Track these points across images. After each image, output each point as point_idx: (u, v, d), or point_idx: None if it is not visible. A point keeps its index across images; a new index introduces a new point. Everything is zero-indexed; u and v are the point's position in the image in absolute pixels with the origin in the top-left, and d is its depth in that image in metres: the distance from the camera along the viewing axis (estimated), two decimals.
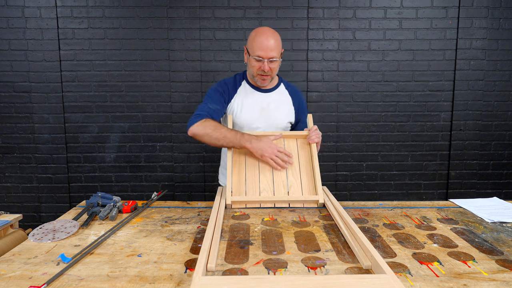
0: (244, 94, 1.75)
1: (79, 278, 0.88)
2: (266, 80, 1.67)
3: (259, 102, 1.73)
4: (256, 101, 1.73)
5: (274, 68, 1.64)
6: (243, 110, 1.72)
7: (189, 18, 2.63)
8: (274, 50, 1.60)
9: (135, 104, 2.71)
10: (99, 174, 2.76)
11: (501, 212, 1.35)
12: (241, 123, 1.72)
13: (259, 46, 1.58)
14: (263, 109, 1.72)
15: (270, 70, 1.62)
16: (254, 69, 1.65)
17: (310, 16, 2.65)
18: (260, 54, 1.59)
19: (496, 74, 2.74)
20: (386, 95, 2.74)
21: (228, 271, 0.90)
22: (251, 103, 1.73)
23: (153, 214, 1.37)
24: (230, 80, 1.80)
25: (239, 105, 1.73)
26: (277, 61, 1.64)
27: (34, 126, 2.69)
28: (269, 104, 1.73)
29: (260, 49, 1.58)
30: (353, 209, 1.42)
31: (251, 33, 1.66)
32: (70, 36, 2.63)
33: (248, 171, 1.54)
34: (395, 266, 0.93)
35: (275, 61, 1.63)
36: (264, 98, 1.74)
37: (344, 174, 2.82)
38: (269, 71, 1.62)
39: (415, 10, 2.66)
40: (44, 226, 1.21)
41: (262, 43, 1.58)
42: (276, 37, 1.64)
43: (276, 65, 1.64)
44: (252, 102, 1.73)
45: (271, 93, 1.76)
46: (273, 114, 1.73)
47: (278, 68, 1.69)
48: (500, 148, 2.82)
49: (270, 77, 1.67)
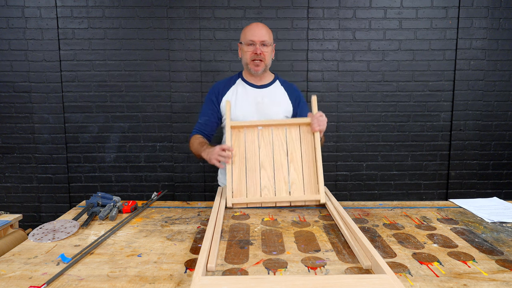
0: (238, 90, 1.77)
1: (79, 278, 0.88)
2: (260, 66, 1.70)
3: (254, 97, 1.75)
4: (250, 96, 1.75)
5: (266, 53, 1.69)
6: (237, 105, 1.73)
7: (189, 18, 2.63)
8: (265, 35, 1.68)
9: (135, 104, 2.71)
10: (99, 174, 2.76)
11: (501, 212, 1.35)
12: (237, 118, 1.71)
13: (251, 32, 1.68)
14: (258, 104, 1.74)
15: (262, 54, 1.67)
16: (247, 55, 1.70)
17: (310, 16, 2.65)
18: (252, 38, 1.67)
19: (496, 74, 2.74)
20: (386, 95, 2.74)
21: (228, 271, 0.90)
22: (245, 98, 1.75)
23: (153, 214, 1.37)
24: (222, 81, 1.85)
25: (233, 101, 1.74)
26: (269, 47, 1.70)
27: (34, 126, 2.69)
28: (263, 99, 1.75)
29: (252, 35, 1.67)
30: (353, 209, 1.42)
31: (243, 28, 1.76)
32: (70, 36, 2.63)
33: (248, 168, 1.51)
34: (395, 266, 0.93)
35: (267, 46, 1.69)
36: (259, 93, 1.76)
37: (344, 174, 2.82)
38: (262, 55, 1.67)
39: (415, 10, 2.66)
40: (44, 226, 1.21)
41: (253, 29, 1.69)
42: (267, 27, 1.73)
43: (268, 50, 1.70)
44: (246, 97, 1.75)
45: (265, 89, 1.78)
46: (269, 108, 1.74)
47: (271, 58, 1.74)
48: (500, 148, 2.82)
49: (264, 64, 1.70)
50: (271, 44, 1.71)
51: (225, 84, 1.81)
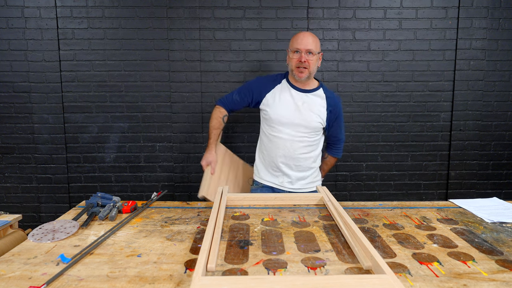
0: (281, 91, 1.85)
1: (79, 278, 0.88)
2: (304, 73, 1.76)
3: (295, 100, 1.81)
4: (292, 98, 1.82)
5: (311, 61, 1.75)
6: (277, 105, 1.82)
7: (188, 18, 2.63)
8: (311, 44, 1.75)
9: (135, 104, 2.70)
10: (99, 174, 2.76)
11: (501, 212, 1.35)
12: (274, 117, 1.82)
13: (297, 40, 1.77)
14: (297, 107, 1.81)
15: (307, 62, 1.74)
16: (292, 62, 1.78)
17: (310, 16, 2.65)
18: (298, 46, 1.75)
19: (496, 74, 2.74)
20: (386, 95, 2.74)
21: (228, 271, 0.90)
22: (287, 99, 1.82)
23: (152, 214, 1.37)
24: (271, 76, 1.94)
25: (274, 100, 1.83)
26: (314, 56, 1.76)
27: (33, 126, 2.69)
28: (303, 104, 1.81)
29: (298, 43, 1.76)
30: (353, 209, 1.42)
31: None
32: (69, 36, 2.62)
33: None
34: (395, 266, 0.93)
35: (312, 55, 1.76)
36: (301, 97, 1.83)
37: (344, 174, 2.82)
38: (306, 63, 1.74)
39: (415, 10, 2.66)
40: (43, 226, 1.20)
41: (300, 38, 1.77)
42: (314, 37, 1.79)
43: (313, 59, 1.76)
44: (288, 98, 1.82)
45: (308, 94, 1.84)
46: (305, 113, 1.80)
47: (316, 66, 1.80)
48: (500, 148, 2.82)
49: (308, 71, 1.76)
50: (317, 53, 1.78)
51: (271, 81, 1.89)
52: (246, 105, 1.95)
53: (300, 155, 1.83)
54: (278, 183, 1.88)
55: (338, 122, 1.92)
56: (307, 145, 1.84)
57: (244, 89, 1.94)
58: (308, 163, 1.87)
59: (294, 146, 1.82)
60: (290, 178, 1.87)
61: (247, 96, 1.91)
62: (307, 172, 1.88)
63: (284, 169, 1.86)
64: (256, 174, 1.98)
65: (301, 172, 1.86)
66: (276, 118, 1.81)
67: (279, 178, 1.88)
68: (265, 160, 1.91)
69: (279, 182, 1.88)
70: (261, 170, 1.95)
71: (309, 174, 1.89)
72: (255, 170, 2.00)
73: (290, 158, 1.83)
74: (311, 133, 1.83)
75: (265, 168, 1.93)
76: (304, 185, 1.89)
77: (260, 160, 1.96)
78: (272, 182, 1.90)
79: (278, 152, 1.84)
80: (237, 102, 1.94)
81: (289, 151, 1.82)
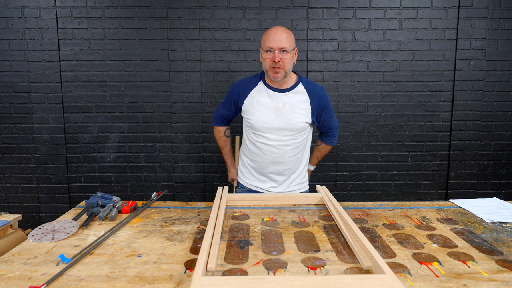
0: (259, 94, 1.74)
1: (79, 278, 0.88)
2: (279, 73, 1.63)
3: (275, 103, 1.71)
4: (271, 101, 1.71)
5: (285, 60, 1.62)
6: (257, 111, 1.71)
7: (188, 18, 2.63)
8: (285, 42, 1.61)
9: (135, 104, 2.70)
10: (99, 174, 2.76)
11: (501, 212, 1.35)
12: (256, 124, 1.72)
13: (269, 38, 1.62)
14: (279, 110, 1.70)
15: (281, 61, 1.61)
16: (266, 62, 1.65)
17: (310, 16, 2.65)
18: (270, 45, 1.61)
19: (496, 74, 2.74)
20: (386, 95, 2.74)
21: (228, 272, 0.90)
22: (266, 103, 1.72)
23: (152, 214, 1.37)
24: (242, 81, 1.82)
25: (253, 105, 1.73)
26: (289, 53, 1.62)
27: (33, 126, 2.69)
28: (284, 105, 1.70)
29: (270, 41, 1.61)
30: (353, 209, 1.42)
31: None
32: (69, 36, 2.62)
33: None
34: (395, 266, 0.93)
35: (287, 53, 1.62)
36: (280, 98, 1.71)
37: (344, 174, 2.82)
38: (280, 62, 1.61)
39: (414, 10, 2.66)
40: (43, 226, 1.20)
41: (272, 35, 1.62)
42: (288, 32, 1.65)
43: (287, 57, 1.62)
44: (267, 102, 1.72)
45: (287, 93, 1.72)
46: (289, 115, 1.70)
47: (291, 63, 1.67)
48: (500, 148, 2.82)
49: (283, 71, 1.63)
50: (291, 50, 1.64)
51: (246, 85, 1.78)
52: (238, 113, 1.87)
53: (288, 159, 1.76)
54: (265, 188, 1.82)
55: (327, 112, 1.80)
56: (295, 147, 1.76)
57: (226, 101, 1.86)
58: (297, 165, 1.82)
59: (281, 151, 1.74)
60: (277, 182, 1.81)
61: (231, 106, 1.83)
62: (294, 174, 1.82)
63: (272, 176, 1.80)
64: (241, 177, 1.91)
65: (289, 176, 1.81)
66: (259, 124, 1.72)
67: (267, 183, 1.82)
68: (250, 165, 1.84)
69: (266, 187, 1.82)
70: (246, 174, 1.88)
71: (296, 177, 1.83)
72: (239, 173, 1.93)
73: (279, 163, 1.76)
74: (297, 134, 1.74)
75: (250, 173, 1.86)
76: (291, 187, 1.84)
77: (243, 164, 1.89)
78: (258, 187, 1.84)
79: (265, 159, 1.76)
80: (227, 116, 1.88)
81: (277, 156, 1.74)
